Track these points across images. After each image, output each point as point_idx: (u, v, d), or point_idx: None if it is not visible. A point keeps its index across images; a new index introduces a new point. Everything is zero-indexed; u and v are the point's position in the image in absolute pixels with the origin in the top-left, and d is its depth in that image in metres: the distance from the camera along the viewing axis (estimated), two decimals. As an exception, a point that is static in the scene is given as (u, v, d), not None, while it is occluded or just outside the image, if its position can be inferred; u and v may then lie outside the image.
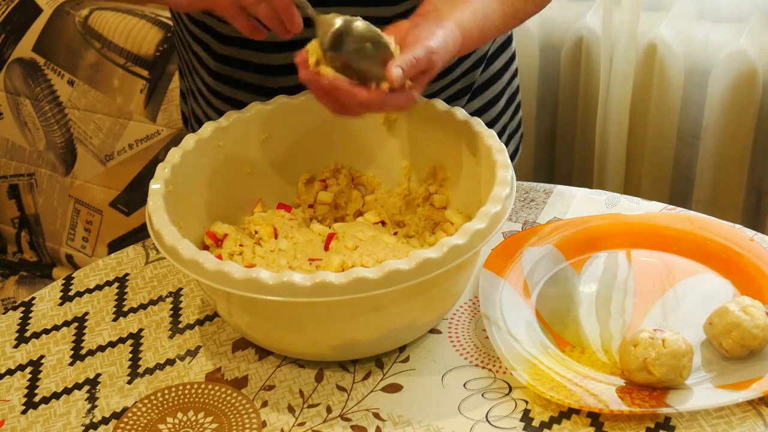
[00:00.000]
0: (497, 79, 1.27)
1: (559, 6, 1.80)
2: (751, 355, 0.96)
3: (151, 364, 1.03)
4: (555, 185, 1.22)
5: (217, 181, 1.08)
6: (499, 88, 1.28)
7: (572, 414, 0.94)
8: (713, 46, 1.70)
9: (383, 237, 1.07)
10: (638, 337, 0.94)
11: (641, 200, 1.19)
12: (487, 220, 0.92)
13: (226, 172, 1.08)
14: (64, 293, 1.14)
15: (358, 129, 1.12)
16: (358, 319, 0.94)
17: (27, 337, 1.08)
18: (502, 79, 1.28)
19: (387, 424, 0.95)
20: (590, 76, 1.82)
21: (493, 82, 1.27)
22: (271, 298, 0.88)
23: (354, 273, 0.87)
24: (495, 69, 1.27)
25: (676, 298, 1.04)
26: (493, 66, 1.26)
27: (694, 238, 1.10)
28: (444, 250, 0.89)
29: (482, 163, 1.02)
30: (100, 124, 1.75)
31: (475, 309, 1.06)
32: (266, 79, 1.17)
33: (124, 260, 1.18)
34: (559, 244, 1.11)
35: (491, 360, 1.00)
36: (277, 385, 1.00)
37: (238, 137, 1.08)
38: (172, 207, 0.98)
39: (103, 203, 1.79)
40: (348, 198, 1.13)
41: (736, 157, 1.76)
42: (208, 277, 0.90)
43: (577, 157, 1.95)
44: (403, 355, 1.02)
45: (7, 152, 1.84)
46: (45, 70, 1.77)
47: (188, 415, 0.96)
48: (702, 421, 0.92)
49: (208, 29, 1.16)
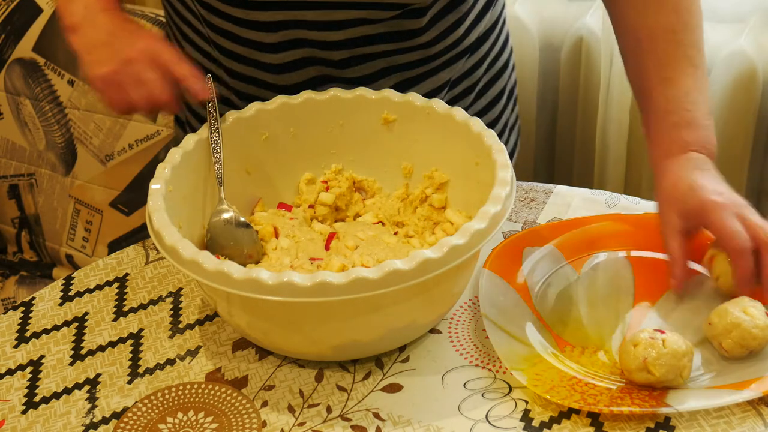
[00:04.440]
0: (499, 76, 1.28)
1: (559, 6, 1.80)
2: (751, 355, 0.96)
3: (151, 364, 1.03)
4: (555, 185, 1.22)
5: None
6: (501, 85, 1.28)
7: (572, 414, 0.94)
8: (713, 46, 1.69)
9: (384, 237, 1.07)
10: (638, 337, 0.94)
11: (641, 200, 1.19)
12: (487, 220, 0.93)
13: (226, 172, 1.08)
14: (64, 293, 1.14)
15: (357, 129, 1.12)
16: (358, 319, 0.94)
17: (27, 337, 1.08)
18: (503, 76, 1.28)
19: (387, 424, 0.95)
20: (590, 76, 1.82)
21: (496, 80, 1.27)
22: (271, 298, 0.89)
23: (354, 273, 0.87)
24: (498, 67, 1.27)
25: (676, 298, 1.04)
26: (496, 64, 1.26)
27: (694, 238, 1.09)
28: (444, 250, 0.89)
29: (482, 163, 1.02)
30: (100, 124, 1.75)
31: (475, 309, 1.06)
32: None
33: (124, 260, 1.18)
34: (559, 244, 1.11)
35: (491, 360, 1.00)
36: (277, 385, 1.00)
37: (237, 137, 1.08)
38: (172, 207, 0.98)
39: (103, 203, 1.79)
40: (349, 201, 1.13)
41: (736, 157, 1.76)
42: (208, 277, 0.90)
43: (577, 157, 1.95)
44: (403, 355, 1.02)
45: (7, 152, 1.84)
46: (45, 70, 1.77)
47: (188, 415, 0.96)
48: (702, 421, 0.92)
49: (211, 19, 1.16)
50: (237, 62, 1.16)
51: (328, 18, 1.09)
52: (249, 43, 1.13)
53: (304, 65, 1.14)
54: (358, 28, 1.11)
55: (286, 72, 1.15)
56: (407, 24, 1.12)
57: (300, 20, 1.09)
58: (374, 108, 1.11)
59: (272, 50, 1.13)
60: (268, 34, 1.11)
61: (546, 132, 1.95)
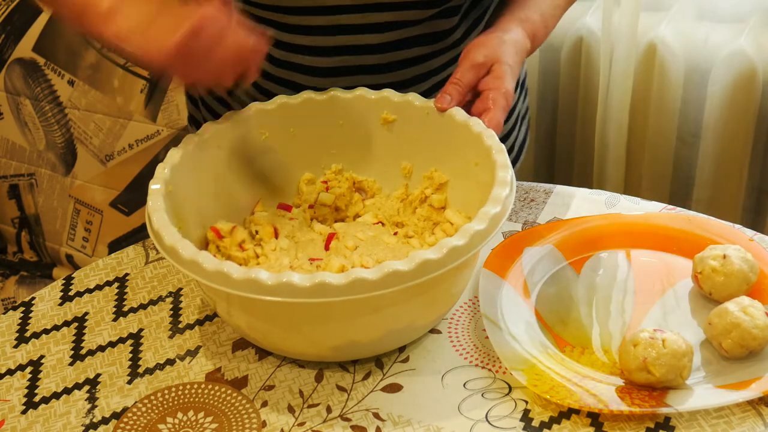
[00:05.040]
0: None
1: (559, 6, 1.80)
2: (751, 355, 0.96)
3: (151, 364, 1.03)
4: (555, 185, 1.22)
5: (216, 181, 1.08)
6: None
7: (572, 414, 0.94)
8: (713, 46, 1.70)
9: (383, 237, 1.07)
10: (638, 337, 0.94)
11: (641, 200, 1.19)
12: (487, 220, 0.92)
13: (226, 172, 1.08)
14: (64, 293, 1.14)
15: (357, 129, 1.12)
16: (357, 320, 0.94)
17: (27, 337, 1.08)
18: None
19: (387, 424, 0.95)
20: (590, 76, 1.82)
21: None
22: (271, 299, 0.88)
23: (353, 274, 0.87)
24: None
25: (676, 298, 1.05)
26: None
27: (694, 238, 1.10)
28: (444, 251, 0.89)
29: (482, 164, 1.02)
30: (100, 124, 1.75)
31: (475, 309, 1.06)
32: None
33: (124, 260, 1.18)
34: (559, 244, 1.11)
35: (491, 360, 1.00)
36: (277, 385, 1.00)
37: (237, 137, 1.08)
38: (171, 207, 0.98)
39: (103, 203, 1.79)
40: (349, 201, 1.13)
41: (736, 157, 1.76)
42: (207, 277, 0.90)
43: (577, 157, 1.95)
44: (403, 355, 1.02)
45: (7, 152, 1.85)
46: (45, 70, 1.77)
47: (188, 415, 0.96)
48: (702, 421, 0.92)
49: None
50: (271, 64, 1.16)
51: (364, 21, 1.09)
52: (284, 46, 1.13)
53: (339, 74, 1.15)
54: (394, 32, 1.11)
55: (321, 77, 1.15)
56: (442, 24, 1.13)
57: (336, 25, 1.10)
58: (374, 108, 1.11)
59: (308, 53, 1.13)
60: (303, 37, 1.12)
61: (546, 132, 1.95)
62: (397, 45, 1.13)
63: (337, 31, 1.11)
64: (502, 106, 1.03)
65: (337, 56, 1.13)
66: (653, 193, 1.86)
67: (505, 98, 1.04)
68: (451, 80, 1.06)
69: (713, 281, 1.01)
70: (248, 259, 1.05)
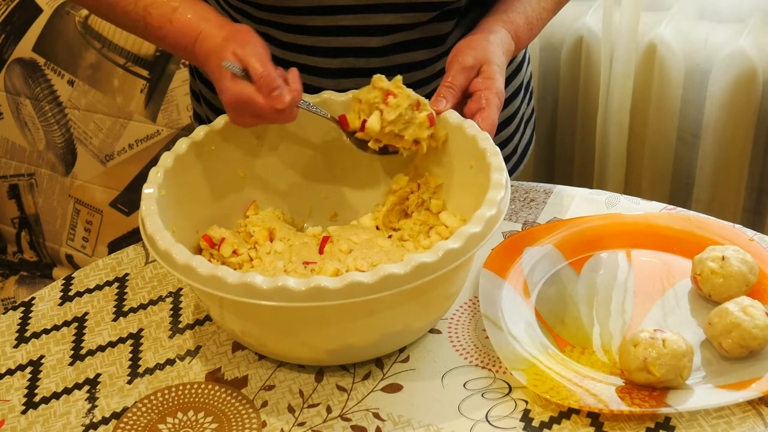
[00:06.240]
0: (518, 71, 1.28)
1: (559, 6, 1.80)
2: (751, 355, 0.96)
3: (151, 364, 1.03)
4: (555, 185, 1.22)
5: (210, 184, 1.08)
6: (519, 80, 1.29)
7: (572, 414, 0.94)
8: (713, 46, 1.70)
9: (378, 240, 1.07)
10: (638, 337, 0.94)
11: (641, 200, 1.19)
12: (482, 223, 0.92)
13: (220, 175, 1.08)
14: (64, 293, 1.14)
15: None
16: (353, 324, 0.93)
17: (27, 337, 1.08)
18: (521, 71, 1.29)
19: (387, 424, 0.95)
20: (590, 76, 1.82)
21: (515, 75, 1.27)
22: (266, 303, 0.88)
23: (349, 277, 0.87)
24: (516, 62, 1.27)
25: (676, 298, 1.05)
26: (515, 60, 1.26)
27: (694, 238, 1.10)
28: (439, 254, 0.89)
29: (476, 166, 1.02)
30: (100, 124, 1.75)
31: (475, 309, 1.06)
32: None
33: (124, 260, 1.18)
34: (559, 244, 1.11)
35: (491, 360, 1.00)
36: (277, 385, 1.00)
37: (231, 140, 1.08)
38: (165, 211, 0.98)
39: (103, 203, 1.79)
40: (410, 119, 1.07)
41: (736, 157, 1.76)
42: (201, 281, 0.90)
43: (577, 157, 1.95)
44: (403, 355, 1.02)
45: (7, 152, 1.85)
46: (45, 70, 1.77)
47: (188, 415, 0.96)
48: (702, 421, 0.92)
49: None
50: (276, 64, 1.16)
51: (364, 23, 1.09)
52: (287, 46, 1.14)
53: (344, 75, 1.15)
54: (395, 34, 1.12)
55: (326, 77, 1.15)
56: (440, 27, 1.14)
57: (335, 26, 1.10)
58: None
59: (310, 53, 1.14)
60: (305, 37, 1.12)
61: (546, 132, 1.95)
62: (398, 48, 1.14)
63: (338, 32, 1.11)
64: (495, 105, 1.04)
65: (340, 58, 1.14)
66: (653, 193, 1.86)
67: (498, 97, 1.05)
68: (443, 83, 1.06)
69: (712, 283, 1.01)
70: (242, 263, 1.05)
